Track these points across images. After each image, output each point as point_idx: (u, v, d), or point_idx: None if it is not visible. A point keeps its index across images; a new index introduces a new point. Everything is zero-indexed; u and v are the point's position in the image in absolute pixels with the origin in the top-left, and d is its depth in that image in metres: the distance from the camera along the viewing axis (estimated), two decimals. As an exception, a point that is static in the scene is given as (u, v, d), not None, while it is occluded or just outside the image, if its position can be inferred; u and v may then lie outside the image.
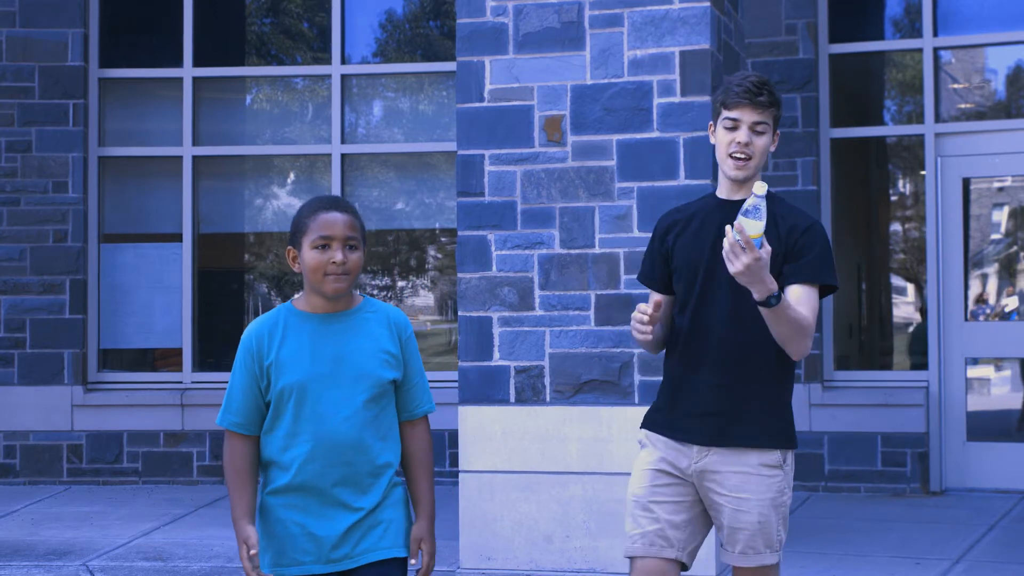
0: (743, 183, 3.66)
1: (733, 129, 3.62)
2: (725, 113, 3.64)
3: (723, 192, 3.72)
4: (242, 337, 3.44)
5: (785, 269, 3.56)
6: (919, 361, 8.78)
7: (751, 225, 3.33)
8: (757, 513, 3.59)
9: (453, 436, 8.41)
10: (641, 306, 3.58)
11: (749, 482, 3.59)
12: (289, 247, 3.43)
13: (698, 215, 3.73)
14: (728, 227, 3.34)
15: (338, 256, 3.35)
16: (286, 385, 3.37)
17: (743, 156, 3.61)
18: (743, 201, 3.59)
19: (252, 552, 3.32)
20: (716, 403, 3.61)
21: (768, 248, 3.37)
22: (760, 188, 3.34)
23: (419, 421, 3.51)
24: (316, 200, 3.45)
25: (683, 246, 3.70)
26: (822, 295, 3.63)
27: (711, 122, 3.73)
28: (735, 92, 3.62)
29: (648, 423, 3.77)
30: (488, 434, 6.33)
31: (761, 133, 3.61)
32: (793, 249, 3.58)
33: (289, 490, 3.39)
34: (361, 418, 3.37)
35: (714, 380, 3.61)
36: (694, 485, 3.67)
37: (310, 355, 3.37)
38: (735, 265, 3.33)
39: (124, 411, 8.98)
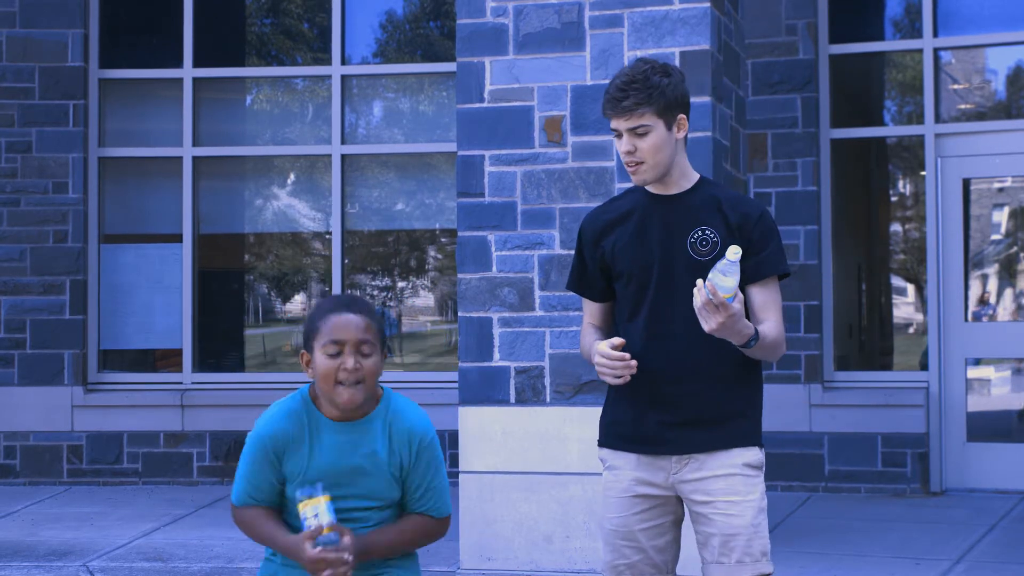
0: (661, 181, 3.52)
1: (619, 138, 3.50)
2: (611, 124, 3.52)
3: (652, 187, 3.57)
4: (258, 433, 3.21)
5: (745, 265, 3.40)
6: (919, 361, 8.78)
7: (725, 283, 3.25)
8: (751, 515, 3.43)
9: (453, 436, 8.41)
10: (605, 350, 3.37)
11: (736, 484, 3.44)
12: (303, 351, 3.21)
13: (634, 212, 3.56)
14: (699, 283, 3.24)
15: (349, 363, 3.09)
16: (296, 484, 3.20)
17: (634, 163, 3.48)
18: (679, 195, 3.53)
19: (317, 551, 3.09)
20: (692, 410, 3.45)
21: (740, 298, 3.28)
22: (733, 254, 3.25)
23: (420, 514, 3.29)
24: (330, 300, 3.24)
25: (625, 248, 3.53)
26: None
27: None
28: (604, 103, 3.49)
29: (610, 441, 3.57)
30: (488, 434, 6.33)
31: (643, 135, 3.45)
32: (750, 242, 3.45)
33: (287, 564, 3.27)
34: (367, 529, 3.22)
35: (686, 387, 3.45)
36: (673, 498, 3.52)
37: (320, 466, 3.19)
38: (709, 323, 3.24)
39: (124, 412, 8.98)
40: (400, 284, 9.73)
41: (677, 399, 3.47)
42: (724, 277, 3.26)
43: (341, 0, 9.18)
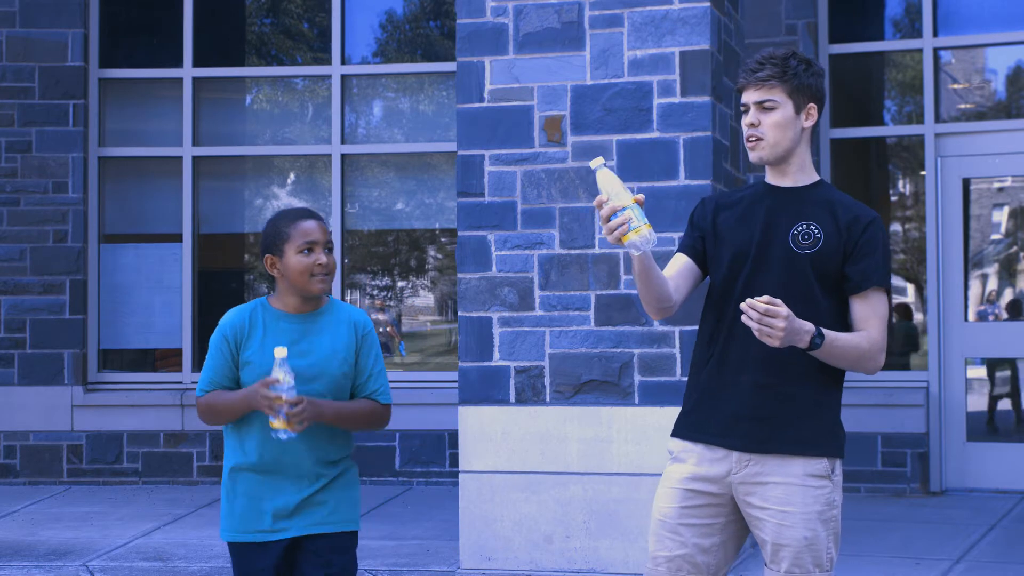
0: (780, 166, 3.47)
1: (746, 112, 3.47)
2: (741, 99, 3.50)
3: (770, 178, 3.54)
4: (220, 324, 3.79)
5: (847, 271, 3.39)
6: (919, 361, 8.78)
7: (614, 203, 3.25)
8: (803, 528, 3.35)
9: (453, 436, 8.41)
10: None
11: (794, 494, 3.36)
12: (267, 255, 3.75)
13: (745, 200, 3.53)
14: (744, 306, 3.18)
15: (322, 259, 3.68)
16: (253, 379, 3.69)
17: (754, 138, 3.44)
18: (793, 189, 3.47)
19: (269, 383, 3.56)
20: (759, 405, 3.38)
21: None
22: (595, 163, 3.34)
23: (366, 398, 3.81)
24: (292, 210, 3.80)
25: (730, 229, 3.49)
26: None
27: None
28: (740, 74, 3.49)
29: (679, 430, 3.51)
30: (488, 434, 6.32)
31: (769, 110, 3.42)
32: (855, 245, 3.39)
33: (247, 469, 3.77)
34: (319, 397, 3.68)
35: (758, 379, 3.38)
36: (730, 498, 3.44)
37: (271, 352, 3.66)
38: (774, 338, 3.17)
39: (124, 411, 8.98)
40: (400, 284, 9.72)
41: (747, 392, 3.40)
42: (607, 190, 3.27)
43: (341, 0, 9.17)
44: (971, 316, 8.62)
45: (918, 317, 9.13)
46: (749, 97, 3.46)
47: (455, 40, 6.52)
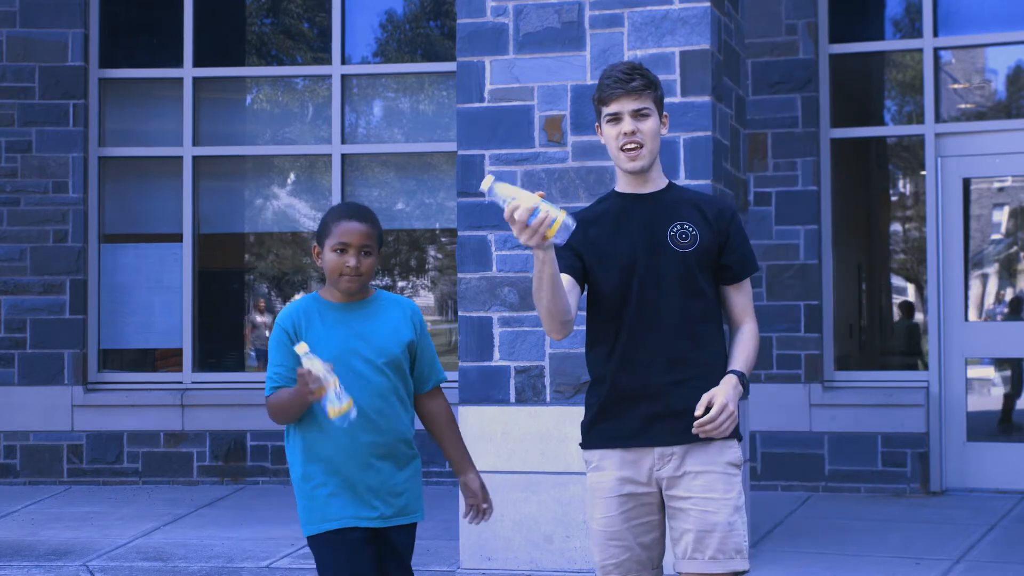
0: (644, 174, 3.59)
1: (616, 122, 3.55)
2: (604, 110, 3.58)
3: (627, 187, 3.63)
4: (278, 320, 3.80)
5: (726, 262, 3.59)
6: (919, 361, 8.78)
7: (519, 207, 3.26)
8: (727, 514, 3.48)
9: (453, 436, 8.41)
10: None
11: (717, 482, 3.50)
12: (315, 244, 3.86)
13: (611, 212, 3.63)
14: (697, 426, 3.43)
15: (352, 262, 3.76)
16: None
17: (634, 145, 3.54)
18: (654, 194, 3.61)
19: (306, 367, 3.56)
20: (673, 401, 3.50)
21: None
22: (485, 183, 3.35)
23: (436, 391, 3.95)
24: (343, 206, 3.90)
25: (607, 241, 3.58)
26: None
27: (596, 123, 3.65)
28: (607, 85, 3.56)
29: (592, 441, 3.63)
30: (488, 434, 6.33)
31: (645, 116, 3.55)
32: (727, 236, 3.60)
33: (325, 457, 3.75)
34: (382, 387, 3.75)
35: (668, 378, 3.51)
36: (657, 493, 3.56)
37: (334, 339, 3.75)
38: (726, 426, 3.43)
39: (124, 411, 8.98)
40: (400, 284, 9.72)
41: (660, 390, 3.53)
42: (512, 198, 3.28)
43: (341, 0, 9.17)
44: (972, 316, 8.62)
45: (918, 317, 9.14)
46: (622, 107, 3.56)
47: (455, 40, 6.52)
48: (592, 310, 3.65)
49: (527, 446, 6.28)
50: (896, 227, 9.68)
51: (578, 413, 6.26)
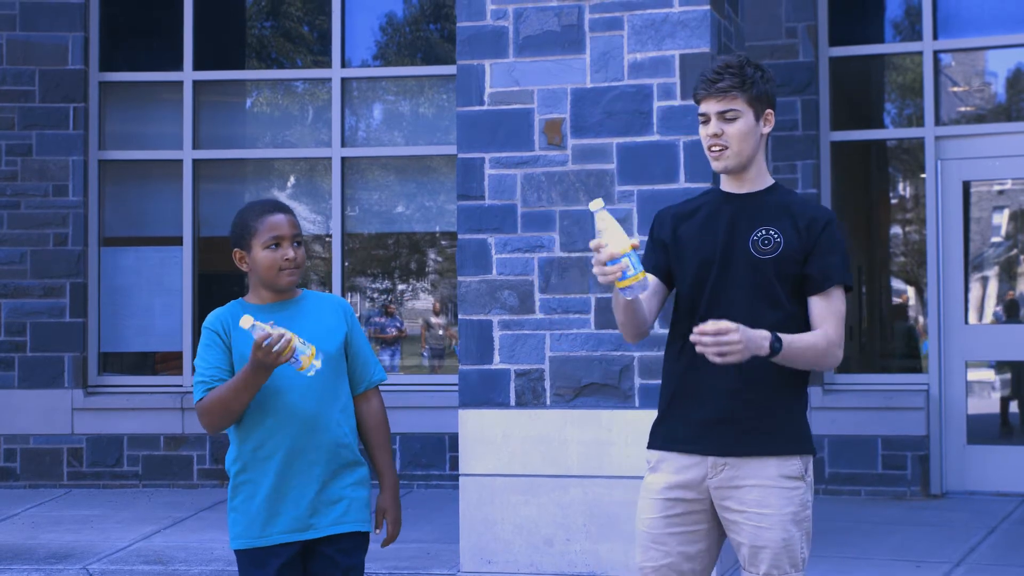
0: (740, 173, 3.52)
1: (706, 123, 3.51)
2: (699, 109, 3.55)
3: (726, 186, 3.59)
4: (205, 324, 3.71)
5: (808, 271, 3.43)
6: (919, 364, 8.78)
7: (611, 245, 3.22)
8: (781, 529, 3.40)
9: (453, 439, 8.42)
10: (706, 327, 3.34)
11: (770, 496, 3.41)
12: (236, 249, 3.75)
13: (703, 208, 3.58)
14: (696, 333, 3.23)
15: (290, 253, 3.67)
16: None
17: (718, 148, 3.49)
18: (748, 195, 3.51)
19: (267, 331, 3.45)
20: (731, 410, 3.43)
21: (646, 281, 3.26)
22: (594, 205, 3.26)
23: (372, 393, 3.83)
24: (257, 204, 3.80)
25: (691, 238, 3.54)
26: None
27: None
28: (697, 85, 3.53)
29: (653, 441, 3.57)
30: (488, 437, 6.33)
31: (731, 120, 3.47)
32: (816, 245, 3.44)
33: (256, 463, 3.66)
34: (318, 390, 3.65)
35: (729, 384, 3.42)
36: (709, 503, 3.48)
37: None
38: (733, 353, 3.23)
39: (124, 414, 8.98)
40: (400, 287, 9.73)
41: (719, 398, 3.45)
42: (606, 235, 3.24)
43: (341, 3, 9.18)
44: (972, 319, 8.62)
45: (918, 319, 9.14)
46: (709, 108, 3.50)
47: (455, 43, 6.53)
48: (674, 306, 3.60)
49: (527, 449, 6.28)
50: (896, 230, 9.69)
51: (578, 416, 6.30)
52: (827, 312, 3.44)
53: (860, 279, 9.47)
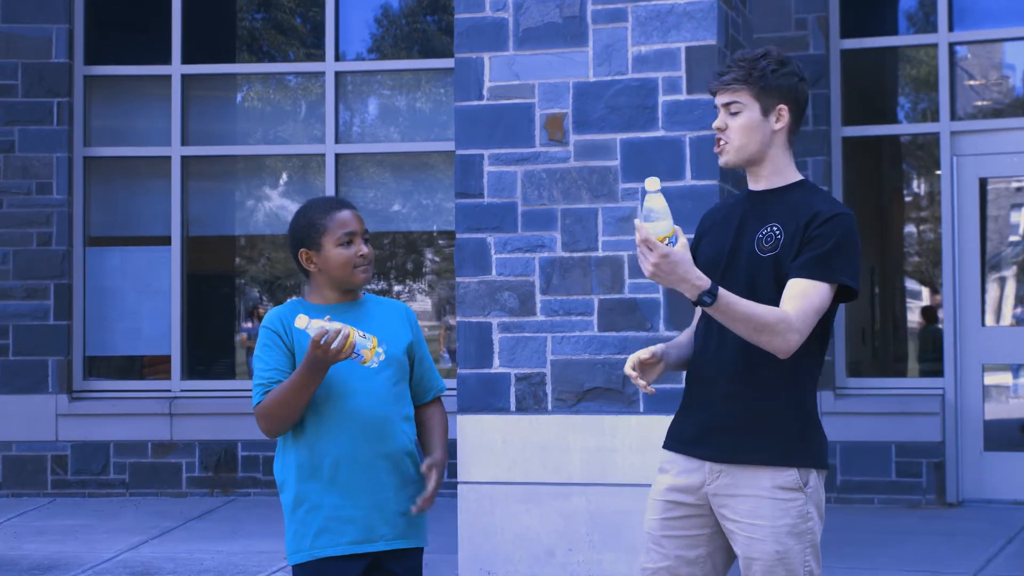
0: (753, 169, 3.51)
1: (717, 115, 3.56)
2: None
3: (750, 184, 3.58)
4: (264, 323, 3.66)
5: (796, 260, 3.37)
6: (934, 368, 8.78)
7: (650, 227, 3.21)
8: (774, 541, 3.38)
9: (451, 446, 8.40)
10: (632, 358, 3.44)
11: (763, 507, 3.40)
12: (302, 249, 3.68)
13: (726, 208, 3.61)
14: (636, 221, 3.25)
15: (364, 249, 3.67)
16: None
17: (720, 141, 3.51)
18: (762, 192, 3.50)
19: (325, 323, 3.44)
20: (728, 415, 3.44)
21: (684, 242, 3.23)
22: (651, 184, 3.22)
23: (436, 402, 3.83)
24: (322, 201, 3.77)
25: (706, 239, 3.59)
26: (841, 299, 3.43)
27: None
28: (711, 78, 3.56)
29: (666, 442, 3.61)
30: (488, 444, 6.33)
31: (735, 113, 3.48)
32: (807, 239, 3.38)
33: (319, 470, 3.61)
34: (383, 395, 3.64)
35: (725, 389, 3.44)
36: (708, 508, 3.49)
37: None
38: (645, 265, 3.23)
39: (111, 420, 8.98)
40: (396, 288, 9.73)
41: (717, 403, 3.47)
42: (648, 224, 3.22)
43: (335, -6, 9.19)
44: (989, 320, 8.62)
45: (933, 322, 9.14)
46: (719, 99, 3.54)
47: (453, 35, 6.53)
48: None
49: (528, 456, 6.28)
50: (910, 228, 9.69)
51: (581, 422, 6.30)
52: (795, 293, 3.35)
53: (873, 280, 9.47)
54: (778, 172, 3.52)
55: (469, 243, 6.42)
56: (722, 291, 3.25)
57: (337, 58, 9.21)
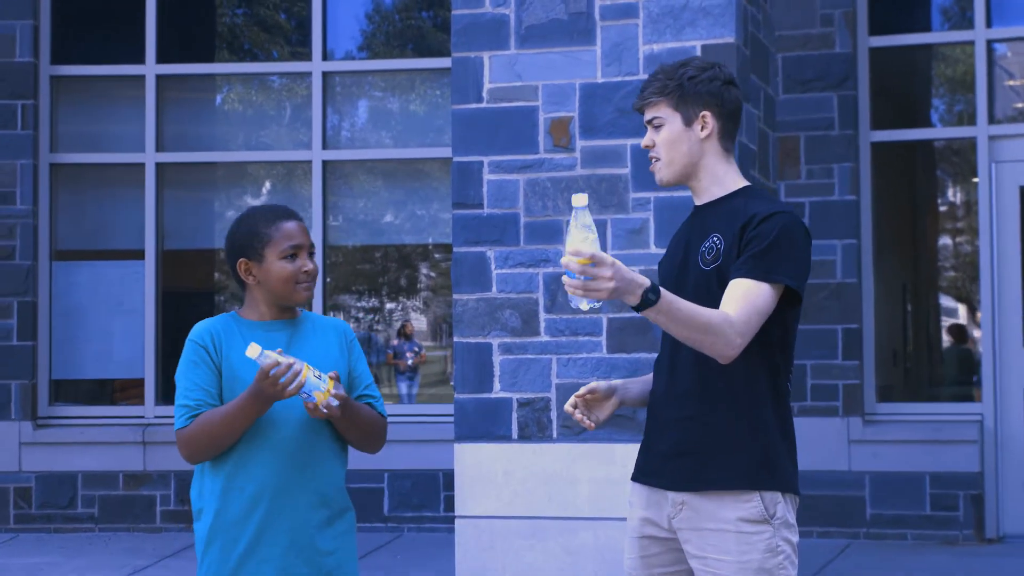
0: (691, 184, 3.60)
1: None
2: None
3: (694, 199, 3.67)
4: (191, 336, 3.66)
5: (734, 264, 3.43)
6: (972, 392, 8.79)
7: (577, 245, 3.15)
8: None
9: (449, 477, 8.43)
10: (573, 396, 3.57)
11: (728, 542, 3.43)
12: (241, 260, 3.66)
13: (679, 229, 3.72)
14: (564, 263, 3.18)
15: (309, 265, 3.65)
16: (238, 392, 3.55)
17: (653, 158, 3.61)
18: (707, 204, 3.58)
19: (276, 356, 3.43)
20: (683, 440, 3.50)
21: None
22: (578, 200, 3.19)
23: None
24: (266, 209, 3.75)
25: (662, 267, 3.70)
26: (788, 304, 3.47)
27: None
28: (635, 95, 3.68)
29: (633, 473, 3.68)
30: (488, 475, 6.34)
31: (658, 128, 3.58)
32: (745, 241, 3.45)
33: (237, 503, 3.58)
34: (313, 423, 3.59)
35: (679, 413, 3.51)
36: (679, 542, 3.55)
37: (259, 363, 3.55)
38: (603, 286, 3.16)
39: (79, 449, 8.99)
40: (389, 306, 9.75)
41: (671, 428, 3.54)
42: (573, 237, 3.17)
43: (322, -12, 9.23)
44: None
45: (971, 342, 9.16)
46: (645, 118, 3.63)
47: (450, 33, 6.57)
48: None
49: (531, 488, 6.30)
50: (945, 241, 9.71)
51: (589, 451, 6.32)
52: (735, 295, 3.39)
53: (904, 297, 9.49)
54: (717, 182, 3.60)
55: (467, 257, 6.45)
56: (664, 290, 3.28)
57: (325, 57, 9.25)
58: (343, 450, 3.71)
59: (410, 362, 9.52)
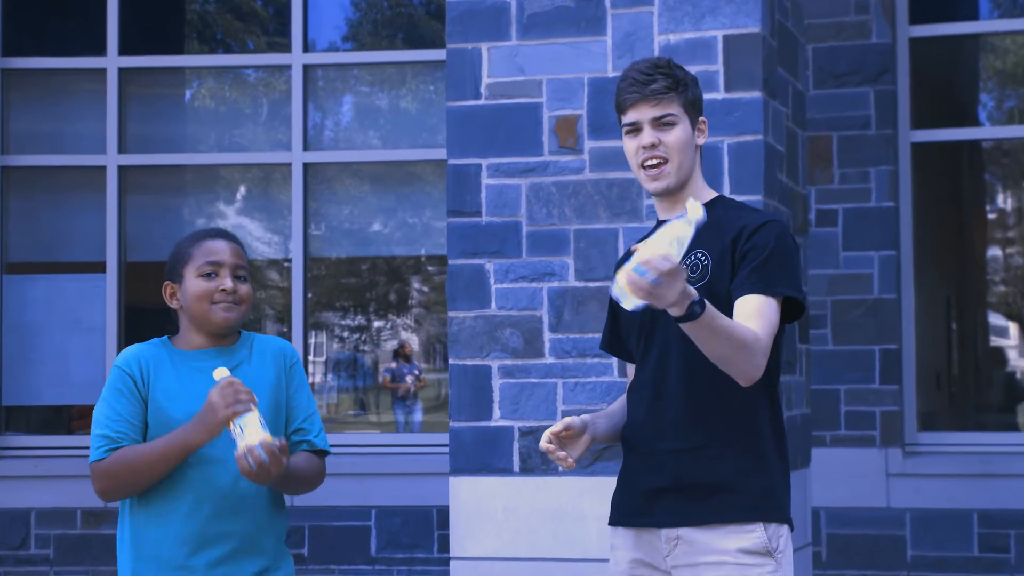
0: (676, 195, 3.64)
1: (635, 134, 3.64)
2: (623, 119, 3.67)
3: (659, 212, 3.72)
4: (117, 362, 3.68)
5: (733, 283, 3.52)
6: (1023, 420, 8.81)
7: (665, 246, 3.20)
8: None
9: (443, 514, 8.42)
10: (550, 431, 3.58)
11: (725, 574, 3.50)
12: (166, 283, 3.74)
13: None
14: (619, 277, 3.22)
15: (228, 283, 3.64)
16: (165, 427, 3.58)
17: (655, 161, 3.62)
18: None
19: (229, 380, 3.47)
20: (680, 474, 3.56)
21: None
22: (694, 210, 3.22)
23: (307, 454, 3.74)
24: (199, 231, 3.81)
25: None
26: (788, 317, 3.57)
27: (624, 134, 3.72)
28: (623, 89, 3.64)
29: (612, 517, 3.73)
30: (487, 512, 6.34)
31: (669, 126, 3.61)
32: (739, 255, 3.54)
33: (170, 545, 3.59)
34: None
35: (676, 445, 3.56)
36: None
37: (190, 395, 3.59)
38: (671, 294, 3.19)
39: (32, 484, 8.99)
40: (376, 324, 9.76)
41: (660, 460, 3.58)
42: (662, 239, 3.22)
43: (303, -28, 9.26)
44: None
45: (1022, 364, 9.16)
46: (641, 115, 3.63)
47: (445, 21, 6.58)
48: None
49: (535, 526, 6.30)
50: (994, 251, 9.72)
51: (598, 485, 6.30)
52: (751, 312, 3.46)
53: (949, 313, 9.49)
54: (697, 195, 3.67)
55: (464, 270, 6.45)
56: (708, 303, 3.31)
57: (305, 48, 9.27)
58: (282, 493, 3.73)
59: (412, 387, 9.51)
